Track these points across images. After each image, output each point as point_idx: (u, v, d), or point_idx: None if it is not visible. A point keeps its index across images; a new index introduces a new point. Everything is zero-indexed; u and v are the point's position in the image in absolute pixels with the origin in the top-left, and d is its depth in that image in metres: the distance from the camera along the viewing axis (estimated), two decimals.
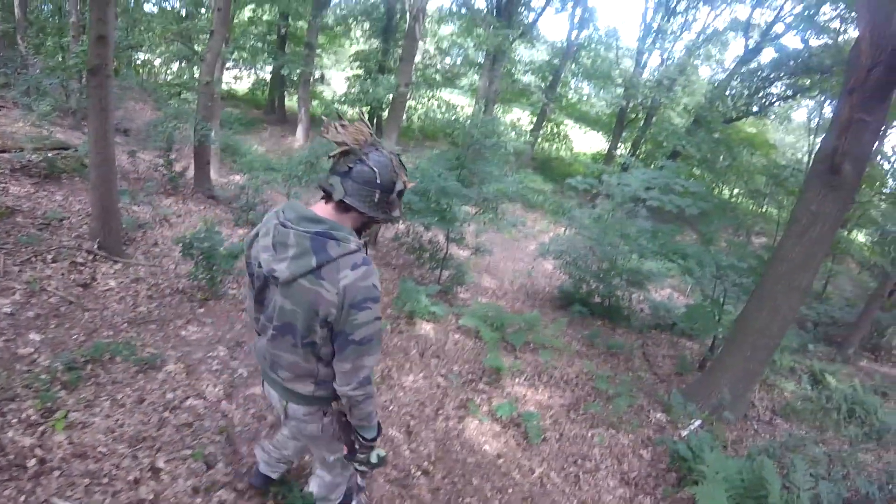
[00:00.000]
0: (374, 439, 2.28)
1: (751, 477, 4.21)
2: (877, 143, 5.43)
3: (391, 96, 13.50)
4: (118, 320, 4.76)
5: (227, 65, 20.68)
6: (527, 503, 4.12)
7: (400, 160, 2.07)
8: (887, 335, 12.38)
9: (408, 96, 18.46)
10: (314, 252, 1.90)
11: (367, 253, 2.06)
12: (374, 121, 20.16)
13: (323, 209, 2.01)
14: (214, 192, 9.45)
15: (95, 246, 5.65)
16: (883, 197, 10.23)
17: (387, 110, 16.72)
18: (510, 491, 4.17)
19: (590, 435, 5.22)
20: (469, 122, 9.49)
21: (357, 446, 2.29)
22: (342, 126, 1.95)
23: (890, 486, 5.20)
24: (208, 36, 9.33)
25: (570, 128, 24.53)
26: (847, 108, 4.71)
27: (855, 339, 11.32)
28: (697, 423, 5.78)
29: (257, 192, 9.23)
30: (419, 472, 4.04)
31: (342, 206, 1.98)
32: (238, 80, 23.09)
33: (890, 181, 12.50)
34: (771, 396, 7.54)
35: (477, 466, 4.34)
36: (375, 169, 1.94)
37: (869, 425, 7.22)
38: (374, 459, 2.33)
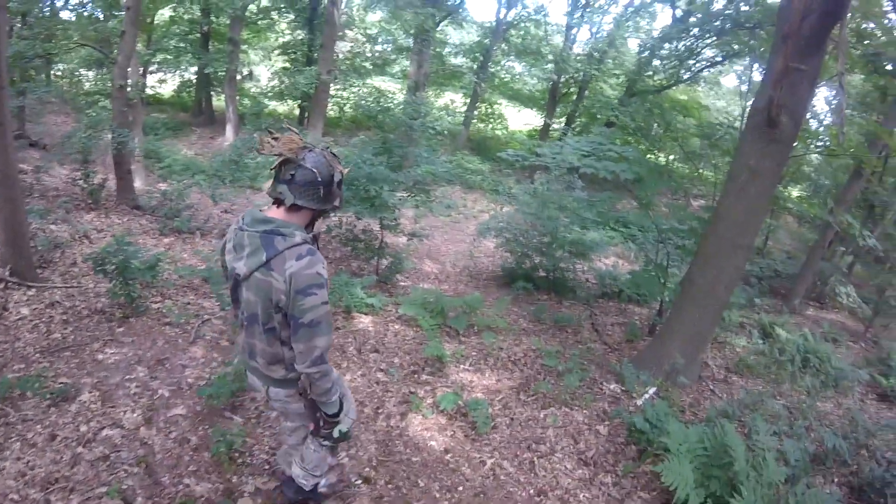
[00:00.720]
0: (335, 415, 2.52)
1: (714, 444, 3.98)
2: (813, 95, 5.24)
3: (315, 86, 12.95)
4: (30, 351, 4.44)
5: (151, 68, 19.80)
6: (479, 499, 3.78)
7: (332, 152, 2.34)
8: (830, 283, 12.61)
9: (331, 84, 17.92)
10: (264, 248, 2.16)
11: (317, 245, 2.35)
12: (305, 113, 19.51)
13: (276, 212, 2.27)
14: (139, 203, 8.91)
15: (7, 273, 5.27)
16: (816, 151, 10.25)
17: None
18: (460, 488, 3.84)
19: (542, 416, 4.91)
20: (395, 105, 9.10)
21: (321, 423, 2.53)
22: (275, 139, 2.18)
23: (854, 435, 5.10)
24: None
25: (504, 106, 24.31)
26: (782, 57, 4.47)
27: (800, 289, 11.51)
28: (652, 390, 5.59)
29: (181, 197, 8.68)
30: (360, 481, 3.69)
31: (294, 207, 2.24)
32: (163, 83, 22.12)
33: (822, 136, 12.68)
34: (723, 354, 7.47)
35: (423, 466, 3.99)
36: (314, 169, 2.20)
37: (824, 373, 7.19)
38: (335, 434, 2.58)
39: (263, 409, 4.24)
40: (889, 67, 7.39)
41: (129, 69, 8.60)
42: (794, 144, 5.64)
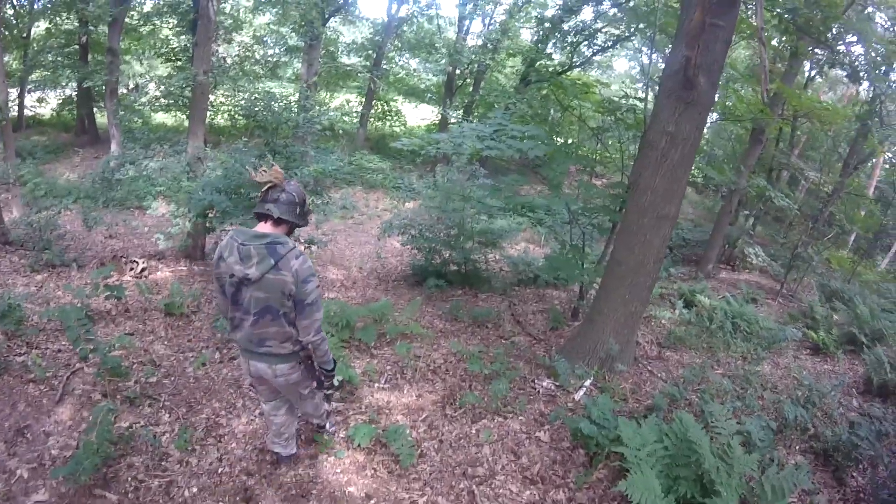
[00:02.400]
0: (332, 370, 3.26)
1: (675, 441, 3.47)
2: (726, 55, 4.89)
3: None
4: None
5: (28, 87, 18.24)
6: None
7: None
8: (738, 246, 12.82)
9: (218, 90, 16.64)
10: (270, 255, 2.80)
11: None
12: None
13: (263, 227, 2.92)
14: (10, 237, 7.74)
15: None
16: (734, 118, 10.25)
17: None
18: None
19: (474, 431, 4.26)
20: (284, 105, 8.25)
21: (323, 378, 3.29)
22: (264, 171, 2.92)
23: (809, 399, 4.83)
24: None
25: (401, 103, 23.75)
26: (699, 10, 4.05)
27: (712, 255, 11.61)
28: (588, 382, 5.11)
29: (48, 225, 7.58)
30: None
31: (277, 222, 2.93)
32: (41, 102, 20.21)
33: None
34: (651, 329, 7.19)
35: None
36: (294, 193, 2.96)
37: (755, 336, 7.01)
38: (336, 383, 3.47)
39: (143, 477, 3.41)
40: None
41: None
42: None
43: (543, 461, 3.97)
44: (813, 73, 12.65)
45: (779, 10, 6.37)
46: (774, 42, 9.68)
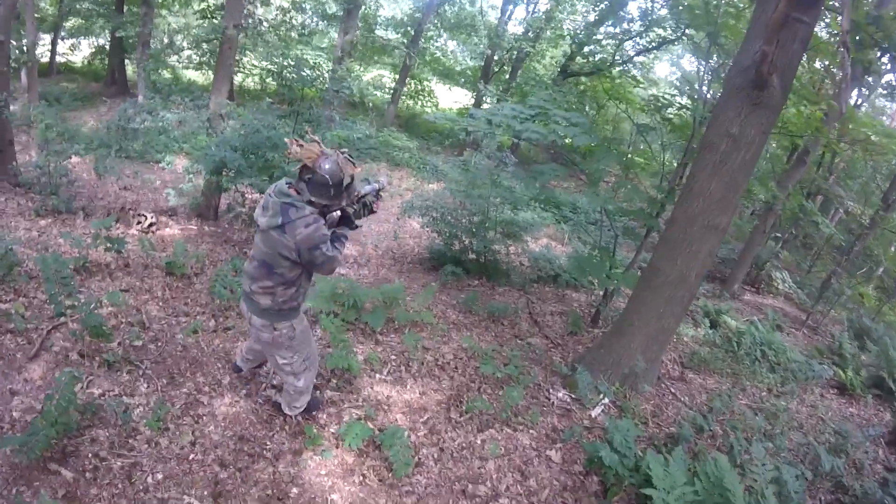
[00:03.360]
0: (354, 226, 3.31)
1: (706, 486, 3.06)
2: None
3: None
4: None
5: (62, 34, 18.32)
6: None
7: (348, 156, 3.00)
8: (766, 268, 12.30)
9: (239, 40, 16.30)
10: (281, 214, 2.83)
11: (348, 219, 3.20)
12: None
13: (294, 191, 2.93)
14: (19, 179, 7.52)
15: None
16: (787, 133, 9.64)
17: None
18: None
19: (479, 442, 3.85)
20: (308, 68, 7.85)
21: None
22: (299, 146, 2.85)
23: (843, 447, 4.43)
24: None
25: (435, 83, 23.33)
26: (784, 2, 3.54)
27: (739, 274, 11.11)
28: (607, 399, 4.68)
29: (58, 171, 7.25)
30: None
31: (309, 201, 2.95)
32: (74, 49, 20.19)
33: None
34: (674, 346, 6.69)
35: None
36: (326, 175, 2.86)
37: (783, 367, 6.54)
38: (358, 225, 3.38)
39: (106, 455, 3.05)
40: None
41: (11, 23, 7.34)
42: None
43: (553, 486, 3.57)
44: (859, 99, 12.01)
45: (859, 19, 5.77)
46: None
